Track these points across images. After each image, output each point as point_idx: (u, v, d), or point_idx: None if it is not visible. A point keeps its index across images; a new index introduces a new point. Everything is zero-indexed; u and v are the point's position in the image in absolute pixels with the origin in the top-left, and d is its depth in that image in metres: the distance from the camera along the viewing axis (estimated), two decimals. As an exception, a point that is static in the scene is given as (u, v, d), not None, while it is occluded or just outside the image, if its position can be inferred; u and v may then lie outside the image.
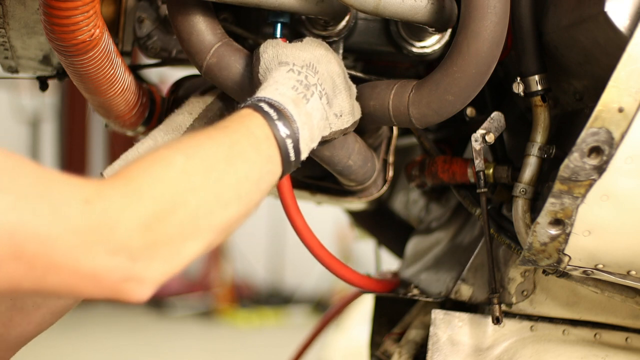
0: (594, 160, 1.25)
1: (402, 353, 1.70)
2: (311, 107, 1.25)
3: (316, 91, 1.27)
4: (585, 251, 1.34)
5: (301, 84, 1.26)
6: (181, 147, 1.08)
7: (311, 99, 1.26)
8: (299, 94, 1.24)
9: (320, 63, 1.33)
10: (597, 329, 1.60)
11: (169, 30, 1.66)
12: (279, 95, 1.23)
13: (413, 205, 2.12)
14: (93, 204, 0.95)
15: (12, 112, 8.48)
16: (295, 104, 1.23)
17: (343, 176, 1.51)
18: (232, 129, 1.14)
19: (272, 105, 1.20)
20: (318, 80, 1.29)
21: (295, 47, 1.35)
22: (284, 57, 1.32)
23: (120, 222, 0.96)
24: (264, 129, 1.17)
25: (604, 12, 1.25)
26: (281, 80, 1.26)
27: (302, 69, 1.29)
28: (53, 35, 1.27)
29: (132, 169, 1.02)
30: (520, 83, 1.42)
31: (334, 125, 1.35)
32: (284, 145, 1.18)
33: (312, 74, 1.29)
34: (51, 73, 1.71)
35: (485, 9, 1.30)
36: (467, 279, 1.60)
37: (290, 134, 1.19)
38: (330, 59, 1.36)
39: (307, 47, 1.36)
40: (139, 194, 0.98)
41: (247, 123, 1.16)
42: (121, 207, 0.96)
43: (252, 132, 1.15)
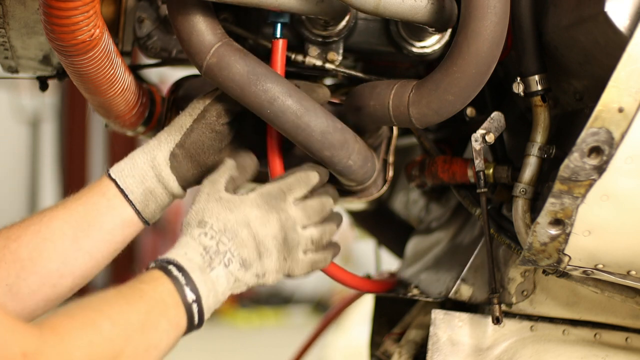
0: (594, 160, 1.25)
1: (402, 353, 1.70)
2: (215, 275, 1.32)
3: (224, 259, 1.33)
4: (585, 251, 1.34)
5: (208, 252, 1.33)
6: (107, 310, 1.18)
7: (217, 267, 1.32)
8: (204, 262, 1.32)
9: (247, 226, 1.36)
10: (597, 329, 1.60)
11: (169, 30, 1.66)
12: (187, 260, 1.30)
13: (413, 205, 2.12)
14: (28, 359, 1.04)
15: (12, 112, 8.48)
16: (201, 271, 1.30)
17: (343, 176, 1.51)
18: (147, 296, 1.23)
19: (181, 268, 1.28)
20: (232, 247, 1.34)
21: (228, 205, 1.37)
22: (208, 216, 1.36)
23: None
24: (174, 297, 1.26)
25: (604, 12, 1.25)
26: (190, 245, 1.33)
27: (216, 234, 1.34)
28: (53, 35, 1.27)
29: (67, 328, 1.12)
30: (520, 83, 1.42)
31: (252, 283, 1.39)
32: (190, 310, 1.27)
33: (227, 240, 1.34)
34: (51, 73, 1.71)
35: (485, 9, 1.30)
36: (467, 279, 1.60)
37: (197, 299, 1.28)
38: (266, 221, 1.37)
39: (241, 207, 1.37)
40: (69, 356, 1.09)
41: (160, 289, 1.26)
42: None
43: (164, 300, 1.25)
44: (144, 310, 1.21)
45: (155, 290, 1.25)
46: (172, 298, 1.26)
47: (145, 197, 1.46)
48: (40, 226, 1.42)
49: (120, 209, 1.46)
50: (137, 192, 1.46)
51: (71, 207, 1.44)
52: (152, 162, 1.46)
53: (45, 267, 1.42)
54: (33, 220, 1.43)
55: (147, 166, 1.46)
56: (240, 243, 1.35)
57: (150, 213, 1.49)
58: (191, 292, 1.27)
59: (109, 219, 1.45)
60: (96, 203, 1.45)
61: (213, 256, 1.32)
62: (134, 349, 1.18)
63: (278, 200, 1.40)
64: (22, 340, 1.05)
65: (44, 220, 1.43)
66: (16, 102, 8.38)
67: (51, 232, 1.42)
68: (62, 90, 8.50)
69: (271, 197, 1.39)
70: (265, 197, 1.39)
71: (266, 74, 1.42)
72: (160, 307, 1.24)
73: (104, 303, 1.20)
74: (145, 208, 1.47)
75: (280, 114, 1.42)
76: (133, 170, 1.46)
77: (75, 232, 1.43)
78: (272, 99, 1.42)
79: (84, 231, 1.43)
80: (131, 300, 1.22)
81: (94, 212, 1.44)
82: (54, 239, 1.42)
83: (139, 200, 1.46)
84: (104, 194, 1.45)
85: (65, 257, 1.42)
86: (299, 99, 1.43)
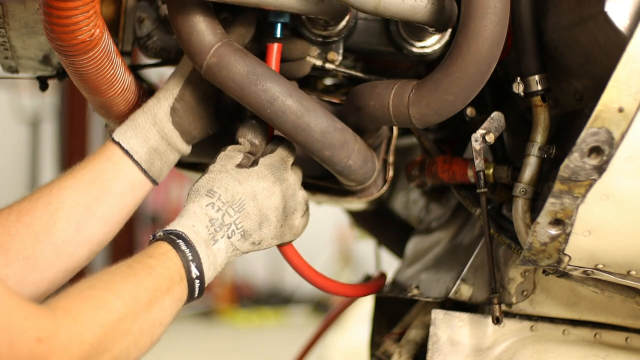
0: (594, 160, 1.25)
1: (402, 353, 1.70)
2: (217, 248, 1.37)
3: (227, 231, 1.38)
4: (585, 251, 1.34)
5: (214, 224, 1.37)
6: (119, 290, 1.20)
7: (220, 239, 1.37)
8: (209, 234, 1.36)
9: (254, 199, 1.41)
10: (597, 329, 1.60)
11: (169, 30, 1.66)
12: (194, 233, 1.34)
13: (413, 205, 2.12)
14: (43, 342, 1.07)
15: (12, 112, 8.48)
16: (206, 244, 1.35)
17: (343, 176, 1.51)
18: (156, 272, 1.27)
19: (188, 243, 1.33)
20: (237, 219, 1.39)
21: (238, 177, 1.42)
22: (217, 185, 1.41)
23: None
24: (179, 272, 1.31)
25: (604, 12, 1.25)
26: (198, 216, 1.37)
27: (224, 205, 1.39)
28: (53, 35, 1.27)
29: (80, 309, 1.14)
30: (520, 83, 1.42)
31: (248, 250, 1.44)
32: (192, 285, 1.32)
33: (233, 212, 1.39)
34: (51, 73, 1.71)
35: (485, 9, 1.30)
36: (467, 279, 1.60)
37: (200, 275, 1.33)
38: (271, 194, 1.43)
39: (250, 179, 1.42)
40: (82, 339, 1.11)
41: (168, 265, 1.30)
42: (65, 349, 1.09)
43: (171, 276, 1.29)
44: (151, 288, 1.24)
45: (163, 266, 1.28)
46: (178, 274, 1.30)
47: (150, 155, 1.49)
48: (51, 197, 1.44)
49: (127, 171, 1.48)
50: (141, 152, 1.48)
51: (79, 176, 1.47)
52: (154, 120, 1.49)
53: (60, 238, 1.44)
54: (42, 192, 1.45)
55: (148, 124, 1.48)
56: (245, 215, 1.40)
57: (157, 171, 1.51)
58: (196, 268, 1.32)
59: (118, 182, 1.47)
60: (103, 168, 1.47)
61: (217, 229, 1.37)
62: (140, 327, 1.21)
63: (281, 170, 1.46)
64: (36, 324, 1.07)
65: (54, 191, 1.45)
66: (16, 102, 8.38)
67: (62, 202, 1.44)
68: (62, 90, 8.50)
69: (275, 168, 1.45)
70: (270, 169, 1.45)
71: (266, 74, 1.42)
72: (167, 284, 1.27)
73: (115, 281, 1.22)
74: (151, 167, 1.49)
75: (280, 113, 1.42)
76: (135, 130, 1.48)
77: (86, 200, 1.45)
78: (272, 99, 1.42)
79: (94, 198, 1.46)
80: (140, 278, 1.25)
81: (102, 178, 1.47)
82: (65, 209, 1.44)
83: (145, 159, 1.48)
84: (110, 159, 1.48)
85: (78, 226, 1.45)
86: (299, 99, 1.43)
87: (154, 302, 1.24)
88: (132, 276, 1.24)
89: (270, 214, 1.43)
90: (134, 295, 1.21)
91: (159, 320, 1.25)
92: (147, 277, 1.25)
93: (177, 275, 1.30)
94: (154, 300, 1.24)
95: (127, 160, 1.48)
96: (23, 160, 8.96)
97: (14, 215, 1.42)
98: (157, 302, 1.25)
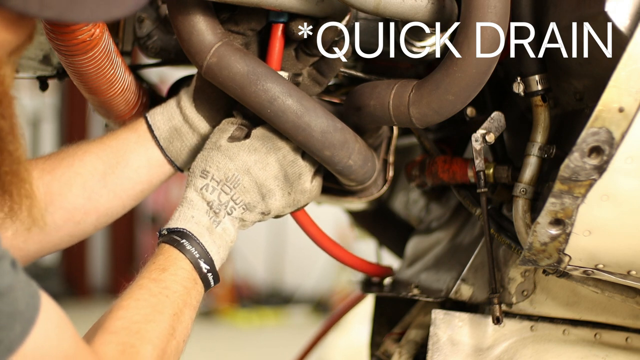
0: (594, 160, 1.25)
1: (402, 353, 1.70)
2: (222, 228, 1.39)
3: (227, 209, 1.40)
4: (586, 251, 1.34)
5: (212, 207, 1.39)
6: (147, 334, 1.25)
7: (223, 219, 1.39)
8: (210, 219, 1.38)
9: (247, 173, 1.42)
10: (597, 329, 1.60)
11: (169, 30, 1.66)
12: (195, 224, 1.37)
13: (413, 205, 2.12)
14: None
15: (12, 112, 8.46)
16: (209, 231, 1.38)
17: (343, 176, 1.51)
18: (171, 290, 1.31)
19: (192, 239, 1.35)
20: (234, 195, 1.41)
21: (228, 153, 1.42)
22: (210, 165, 1.42)
23: None
24: (192, 275, 1.34)
25: (604, 12, 1.25)
26: (196, 203, 1.39)
27: (218, 185, 1.40)
28: (53, 35, 1.27)
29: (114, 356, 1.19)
30: (521, 83, 1.42)
31: (258, 220, 1.46)
32: (207, 280, 1.36)
33: (229, 189, 1.41)
34: (51, 73, 1.71)
35: (485, 9, 1.30)
36: (467, 279, 1.60)
37: (211, 268, 1.36)
38: (265, 165, 1.43)
39: (240, 154, 1.43)
40: None
41: (180, 274, 1.33)
42: None
43: (186, 287, 1.33)
44: (172, 313, 1.29)
45: (176, 280, 1.32)
46: (192, 280, 1.34)
47: (171, 134, 1.51)
48: (74, 159, 1.47)
49: (147, 145, 1.51)
50: (163, 129, 1.51)
51: (105, 142, 1.49)
52: (179, 103, 1.52)
53: (72, 203, 1.46)
54: (68, 153, 1.48)
55: (174, 106, 1.52)
56: (242, 190, 1.41)
57: (176, 151, 1.52)
58: (205, 263, 1.35)
59: (136, 155, 1.50)
60: (127, 138, 1.50)
61: (217, 210, 1.39)
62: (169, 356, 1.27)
63: (274, 139, 1.45)
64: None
65: (79, 153, 1.48)
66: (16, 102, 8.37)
67: (83, 166, 1.47)
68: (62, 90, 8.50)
69: (267, 138, 1.45)
70: (261, 139, 1.45)
71: (266, 74, 1.42)
72: (184, 298, 1.32)
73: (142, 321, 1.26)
74: (170, 145, 1.51)
75: (280, 113, 1.42)
76: (163, 109, 1.52)
77: (104, 168, 1.48)
78: (272, 99, 1.42)
79: (111, 167, 1.48)
80: (161, 306, 1.28)
81: (124, 148, 1.49)
82: (84, 174, 1.46)
83: (164, 136, 1.50)
84: (135, 130, 1.51)
85: (91, 194, 1.47)
86: (299, 99, 1.43)
87: (176, 325, 1.29)
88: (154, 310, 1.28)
89: (270, 184, 1.43)
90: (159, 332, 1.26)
91: (182, 339, 1.31)
92: (167, 304, 1.29)
93: (191, 282, 1.34)
94: (176, 323, 1.29)
95: (148, 134, 1.51)
96: (23, 160, 8.94)
97: (37, 172, 1.43)
98: (179, 322, 1.30)
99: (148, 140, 1.50)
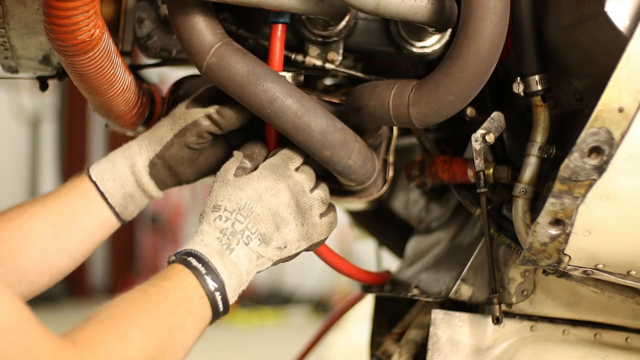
0: (594, 160, 1.25)
1: (402, 353, 1.70)
2: (236, 255, 1.34)
3: (242, 238, 1.36)
4: (585, 251, 1.34)
5: (225, 234, 1.35)
6: (137, 318, 1.19)
7: (236, 247, 1.35)
8: (222, 245, 1.34)
9: (260, 200, 1.40)
10: (597, 329, 1.60)
11: (169, 30, 1.66)
12: (204, 246, 1.33)
13: (413, 205, 2.12)
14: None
15: (12, 112, 8.48)
16: (220, 255, 1.33)
17: (343, 176, 1.51)
18: (171, 295, 1.26)
19: (200, 258, 1.31)
20: (248, 224, 1.37)
21: (238, 184, 1.41)
22: (220, 199, 1.40)
23: None
24: (197, 291, 1.29)
25: (604, 12, 1.25)
26: (207, 231, 1.36)
27: (231, 214, 1.37)
28: (53, 35, 1.26)
29: (100, 341, 1.13)
30: (520, 83, 1.42)
31: (276, 257, 1.42)
32: (214, 300, 1.30)
33: (243, 218, 1.37)
34: (51, 73, 1.71)
35: (485, 9, 1.30)
36: (467, 279, 1.60)
37: (219, 287, 1.31)
38: (277, 191, 1.41)
39: (250, 183, 1.41)
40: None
41: (183, 285, 1.28)
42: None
43: (188, 296, 1.27)
44: (170, 312, 1.24)
45: (178, 287, 1.28)
46: (196, 291, 1.29)
47: (125, 200, 1.51)
48: (21, 223, 1.45)
49: (100, 211, 1.49)
50: (117, 196, 1.50)
51: (51, 206, 1.47)
52: (132, 169, 1.51)
53: (24, 265, 1.44)
54: (13, 215, 1.45)
55: (127, 171, 1.51)
56: (256, 218, 1.38)
57: (129, 214, 1.53)
58: (212, 281, 1.30)
59: (89, 220, 1.49)
60: (76, 204, 1.48)
61: (230, 237, 1.35)
62: (163, 353, 1.21)
63: (282, 168, 1.44)
64: (59, 357, 1.06)
65: (24, 216, 1.45)
66: (16, 102, 8.38)
67: (31, 230, 1.45)
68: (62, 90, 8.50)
69: (275, 167, 1.44)
70: (269, 168, 1.43)
71: (266, 74, 1.42)
72: (185, 305, 1.27)
73: (132, 310, 1.22)
74: (124, 210, 1.52)
75: (280, 113, 1.42)
76: (114, 174, 1.50)
77: (55, 232, 1.46)
78: (272, 99, 1.42)
79: (63, 231, 1.46)
80: (157, 304, 1.24)
81: (74, 213, 1.47)
82: (33, 237, 1.44)
83: (119, 203, 1.50)
84: (84, 196, 1.49)
85: (44, 256, 1.45)
86: (299, 99, 1.43)
87: (175, 326, 1.24)
88: (148, 303, 1.24)
89: (282, 212, 1.41)
90: (152, 322, 1.21)
91: (181, 344, 1.25)
92: (164, 301, 1.25)
93: (195, 294, 1.29)
94: (175, 324, 1.24)
95: (102, 202, 1.49)
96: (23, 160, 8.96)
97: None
98: (179, 325, 1.24)
99: (100, 206, 1.49)
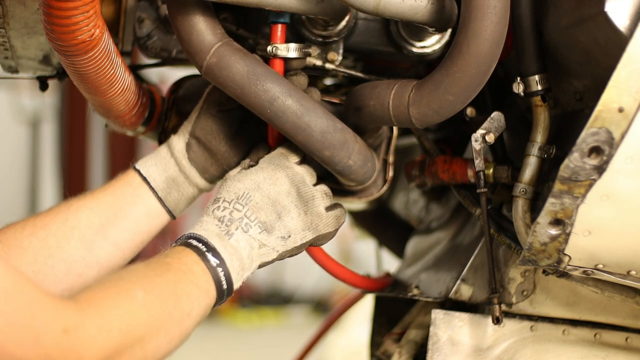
0: (594, 160, 1.25)
1: (402, 353, 1.70)
2: (235, 240, 1.35)
3: (241, 225, 1.36)
4: (585, 251, 1.34)
5: (223, 221, 1.36)
6: (139, 281, 1.20)
7: (235, 232, 1.35)
8: (221, 230, 1.35)
9: (259, 189, 1.40)
10: (597, 329, 1.60)
11: (169, 30, 1.66)
12: (203, 230, 1.34)
13: (413, 205, 2.12)
14: (70, 333, 1.06)
15: (12, 112, 8.48)
16: (219, 237, 1.34)
17: (343, 176, 1.51)
18: (174, 267, 1.26)
19: (199, 239, 1.32)
20: (247, 212, 1.37)
21: (237, 178, 1.42)
22: (220, 193, 1.41)
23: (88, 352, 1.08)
24: (199, 265, 1.29)
25: (604, 12, 1.25)
26: (206, 220, 1.37)
27: (229, 204, 1.38)
28: (53, 35, 1.27)
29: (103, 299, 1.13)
30: (520, 83, 1.42)
31: (281, 247, 1.40)
32: (217, 275, 1.30)
33: (241, 206, 1.38)
34: (51, 73, 1.71)
35: (485, 9, 1.30)
36: (467, 279, 1.60)
37: (220, 263, 1.31)
38: (275, 180, 1.42)
39: (249, 175, 1.42)
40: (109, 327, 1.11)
41: (185, 260, 1.29)
42: (92, 338, 1.08)
43: (191, 269, 1.28)
44: (173, 280, 1.24)
45: (180, 262, 1.28)
46: (198, 266, 1.29)
47: (168, 184, 1.51)
48: (68, 215, 1.46)
49: (145, 197, 1.51)
50: (159, 180, 1.51)
51: (99, 197, 1.49)
52: (172, 152, 1.52)
53: (72, 256, 1.45)
54: (61, 209, 1.47)
55: (168, 156, 1.52)
56: (255, 207, 1.38)
57: (174, 202, 1.53)
58: (214, 257, 1.30)
59: (134, 208, 1.50)
60: (122, 192, 1.50)
61: (228, 224, 1.36)
62: (169, 317, 1.21)
63: (281, 159, 1.45)
64: (62, 315, 1.06)
65: (72, 208, 1.47)
66: (16, 102, 8.38)
67: (78, 221, 1.46)
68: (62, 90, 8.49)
69: (274, 159, 1.45)
70: (268, 160, 1.45)
71: (266, 74, 1.42)
72: (189, 276, 1.27)
73: (134, 275, 1.23)
74: (168, 196, 1.52)
75: (280, 113, 1.42)
76: (156, 159, 1.52)
77: (102, 221, 1.47)
78: (272, 99, 1.42)
79: (110, 220, 1.48)
80: (160, 272, 1.25)
81: (120, 201, 1.49)
82: (81, 227, 1.46)
83: (161, 187, 1.51)
84: (130, 184, 1.51)
85: (91, 246, 1.46)
86: (299, 99, 1.43)
87: (179, 293, 1.23)
88: (150, 271, 1.25)
89: (283, 200, 1.40)
90: (156, 286, 1.21)
91: (187, 311, 1.24)
92: (167, 271, 1.25)
93: (198, 267, 1.29)
94: (179, 291, 1.24)
95: (145, 187, 1.51)
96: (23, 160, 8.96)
97: (29, 229, 1.43)
98: (183, 292, 1.24)
99: (145, 192, 1.51)
